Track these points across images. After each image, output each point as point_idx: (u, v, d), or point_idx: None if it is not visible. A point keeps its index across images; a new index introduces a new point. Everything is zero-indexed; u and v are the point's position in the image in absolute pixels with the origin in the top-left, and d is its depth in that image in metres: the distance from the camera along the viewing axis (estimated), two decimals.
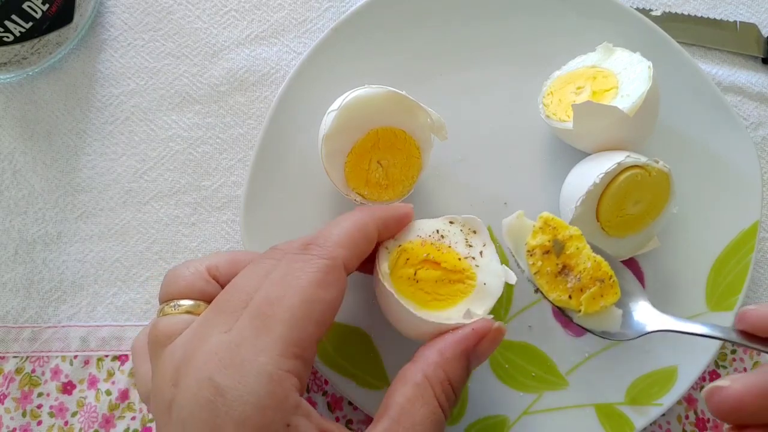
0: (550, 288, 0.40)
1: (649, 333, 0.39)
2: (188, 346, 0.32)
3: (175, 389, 0.31)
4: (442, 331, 0.37)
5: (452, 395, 0.35)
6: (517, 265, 0.40)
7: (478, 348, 0.37)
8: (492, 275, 0.39)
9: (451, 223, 0.41)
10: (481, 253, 0.40)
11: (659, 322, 0.39)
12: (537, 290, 0.40)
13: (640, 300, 0.40)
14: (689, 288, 0.47)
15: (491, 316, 0.38)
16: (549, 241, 0.40)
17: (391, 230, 0.40)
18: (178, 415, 0.31)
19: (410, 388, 0.34)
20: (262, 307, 0.32)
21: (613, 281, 0.39)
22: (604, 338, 0.39)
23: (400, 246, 0.40)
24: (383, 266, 0.38)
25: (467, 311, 0.38)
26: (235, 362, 0.30)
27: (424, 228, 0.40)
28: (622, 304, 0.40)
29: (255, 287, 0.34)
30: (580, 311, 0.39)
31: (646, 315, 0.39)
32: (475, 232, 0.41)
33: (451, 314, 0.38)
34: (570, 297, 0.39)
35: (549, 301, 0.40)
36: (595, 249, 0.41)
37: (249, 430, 0.29)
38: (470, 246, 0.40)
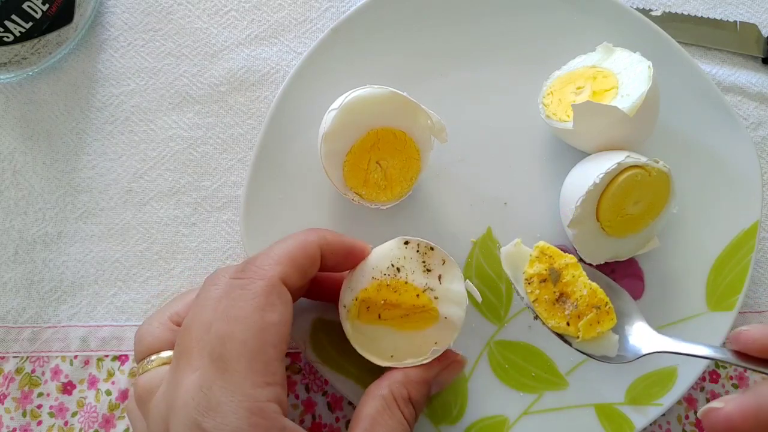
0: (549, 315, 0.40)
1: (645, 355, 0.40)
2: (167, 396, 0.34)
3: None
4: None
5: (413, 412, 0.38)
6: (517, 292, 0.41)
7: (439, 376, 0.40)
8: (452, 304, 0.40)
9: (405, 243, 0.40)
10: (440, 277, 0.40)
11: (654, 344, 0.40)
12: (536, 317, 0.41)
13: (637, 321, 0.41)
14: (689, 288, 0.47)
15: (461, 354, 0.42)
16: (545, 269, 0.41)
17: (340, 258, 0.40)
18: None
19: (378, 400, 0.37)
20: (217, 348, 0.33)
21: (609, 308, 0.40)
22: (603, 362, 0.40)
23: (356, 299, 0.40)
24: (346, 326, 0.40)
25: (433, 350, 0.39)
26: (212, 405, 0.32)
27: (378, 264, 0.40)
28: (620, 326, 0.41)
29: (204, 323, 0.35)
30: (578, 337, 0.40)
31: (642, 337, 0.40)
32: (432, 248, 0.40)
33: (422, 337, 0.40)
34: (568, 324, 0.40)
35: (548, 327, 0.41)
36: (592, 274, 0.41)
37: None
38: (428, 270, 0.40)
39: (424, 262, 0.40)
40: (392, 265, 0.40)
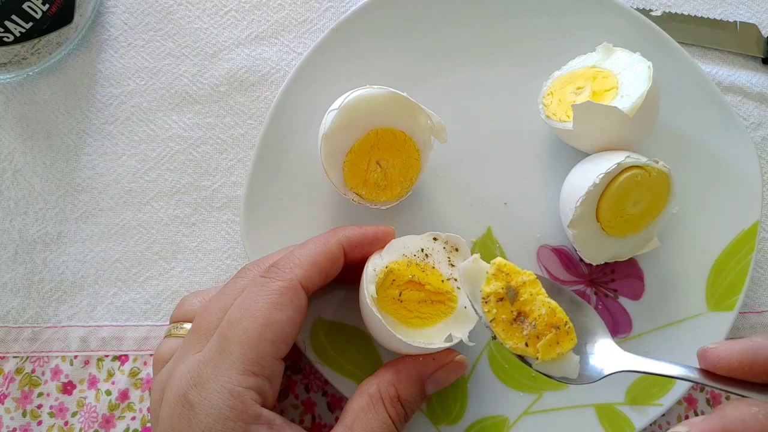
0: (507, 335, 0.38)
1: (609, 375, 0.38)
2: (170, 369, 0.37)
3: (159, 406, 0.36)
4: (422, 353, 0.40)
5: (402, 411, 0.39)
6: (475, 311, 0.39)
7: (435, 375, 0.40)
8: None
9: (434, 239, 0.42)
10: None
11: (618, 363, 0.38)
12: (494, 337, 0.39)
13: (600, 339, 0.39)
14: (689, 288, 0.47)
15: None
16: (502, 288, 0.38)
17: (364, 249, 0.41)
18: (160, 427, 0.36)
19: (364, 398, 0.38)
20: (224, 330, 0.36)
21: (569, 327, 0.38)
22: (565, 383, 0.38)
23: (386, 267, 0.40)
24: (370, 288, 0.39)
25: (449, 336, 0.40)
26: (202, 380, 0.35)
27: (409, 246, 0.41)
28: (582, 344, 0.39)
29: (224, 309, 0.37)
30: (537, 359, 0.38)
31: (605, 356, 0.38)
32: (457, 249, 0.42)
33: (432, 333, 0.40)
34: (526, 344, 0.38)
35: (506, 348, 0.38)
36: (553, 288, 0.39)
37: None
38: (452, 266, 0.42)
39: (449, 257, 0.42)
40: (422, 250, 0.41)
